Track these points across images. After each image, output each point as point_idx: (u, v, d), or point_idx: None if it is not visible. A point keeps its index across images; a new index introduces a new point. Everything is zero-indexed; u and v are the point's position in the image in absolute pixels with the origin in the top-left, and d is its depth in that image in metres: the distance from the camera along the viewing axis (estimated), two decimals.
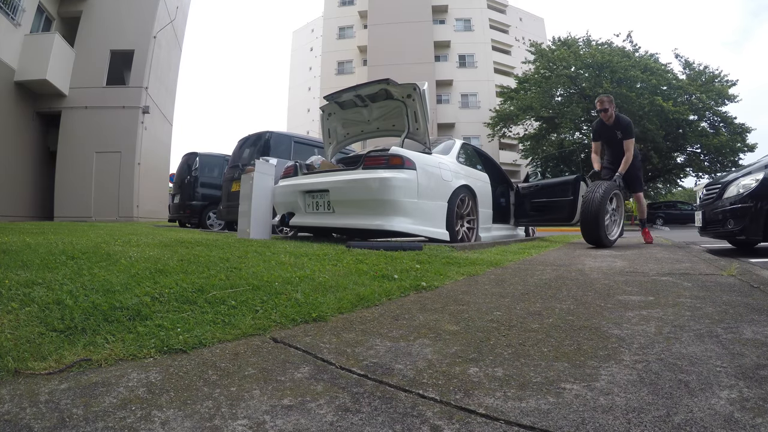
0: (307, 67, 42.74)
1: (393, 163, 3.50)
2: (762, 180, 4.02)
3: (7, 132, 10.51)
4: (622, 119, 4.48)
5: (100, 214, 11.66)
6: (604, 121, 4.54)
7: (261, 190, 4.28)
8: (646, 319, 1.29)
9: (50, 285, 1.45)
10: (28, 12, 10.82)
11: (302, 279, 1.74)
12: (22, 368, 0.88)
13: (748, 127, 20.56)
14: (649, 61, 20.99)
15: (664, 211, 23.80)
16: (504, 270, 2.45)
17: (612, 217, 4.40)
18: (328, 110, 4.61)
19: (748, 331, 1.15)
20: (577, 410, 0.72)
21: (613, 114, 4.49)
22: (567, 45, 21.96)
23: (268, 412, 0.72)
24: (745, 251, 4.65)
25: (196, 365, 0.93)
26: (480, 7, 32.81)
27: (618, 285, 1.90)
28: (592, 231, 4.09)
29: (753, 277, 2.03)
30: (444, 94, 30.84)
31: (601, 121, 4.57)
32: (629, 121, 4.50)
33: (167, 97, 15.06)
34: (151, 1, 13.11)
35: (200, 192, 8.65)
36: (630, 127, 4.46)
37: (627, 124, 4.46)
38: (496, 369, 0.91)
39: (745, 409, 0.71)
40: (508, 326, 1.23)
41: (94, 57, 12.24)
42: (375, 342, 1.10)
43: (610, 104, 4.47)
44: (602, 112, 4.46)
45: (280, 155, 6.02)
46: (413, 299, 1.62)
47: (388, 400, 0.77)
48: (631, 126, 4.47)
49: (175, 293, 1.40)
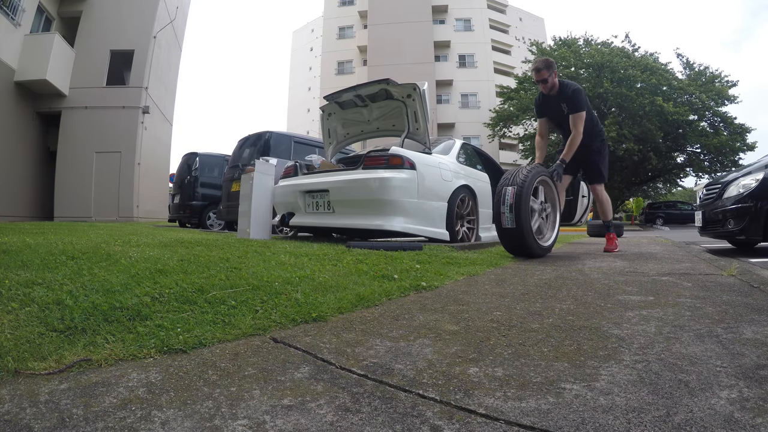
0: (307, 67, 42.75)
1: (393, 163, 3.50)
2: (762, 180, 4.02)
3: (7, 132, 10.51)
4: (566, 87, 3.41)
5: (100, 214, 11.67)
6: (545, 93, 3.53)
7: (261, 190, 4.28)
8: (646, 319, 1.29)
9: (50, 285, 1.44)
10: (28, 12, 10.82)
11: (302, 279, 1.74)
12: (22, 368, 0.88)
13: (747, 127, 20.57)
14: (649, 60, 21.01)
15: (664, 211, 23.85)
16: (504, 270, 2.45)
17: (542, 215, 3.35)
18: (328, 110, 4.61)
19: (748, 331, 1.15)
20: (577, 410, 0.72)
21: (556, 83, 3.43)
22: (567, 45, 21.97)
23: (268, 412, 0.72)
24: (745, 251, 4.65)
25: (196, 365, 0.93)
26: (480, 7, 32.82)
27: (618, 285, 1.90)
28: (512, 237, 3.01)
29: (753, 277, 2.03)
30: (444, 94, 30.84)
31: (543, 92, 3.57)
32: (577, 88, 3.38)
33: (167, 97, 15.07)
34: (151, 1, 13.12)
35: (200, 192, 8.66)
36: (577, 97, 3.34)
37: (572, 93, 3.35)
38: (496, 369, 0.91)
39: (745, 409, 0.71)
40: (508, 326, 1.23)
41: (94, 57, 12.25)
42: (375, 342, 1.10)
43: (548, 71, 3.37)
44: (541, 83, 3.43)
45: (280, 155, 6.02)
46: (413, 299, 1.62)
47: (388, 400, 0.77)
48: (578, 94, 3.35)
49: (175, 293, 1.40)
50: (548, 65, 3.40)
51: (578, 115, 3.35)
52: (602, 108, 21.53)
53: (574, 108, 3.35)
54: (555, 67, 3.45)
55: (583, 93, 3.42)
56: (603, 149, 3.66)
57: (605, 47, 21.64)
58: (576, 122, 3.35)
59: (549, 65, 3.40)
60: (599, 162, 3.59)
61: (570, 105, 3.38)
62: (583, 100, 3.38)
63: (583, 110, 3.35)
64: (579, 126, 3.33)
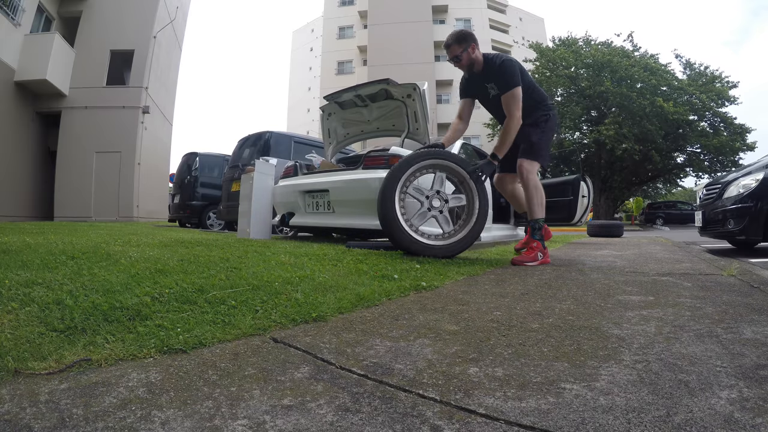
0: (307, 67, 42.74)
1: (393, 163, 3.50)
2: (762, 180, 4.03)
3: (7, 132, 10.51)
4: (492, 61, 2.71)
5: (100, 214, 11.67)
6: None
7: (261, 190, 4.28)
8: (646, 319, 1.29)
9: (50, 285, 1.44)
10: (28, 12, 10.82)
11: (302, 279, 1.74)
12: (22, 368, 0.88)
13: (748, 127, 20.58)
14: (649, 61, 21.02)
15: (664, 211, 23.87)
16: (504, 270, 2.45)
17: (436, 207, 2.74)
18: (328, 110, 4.61)
19: (748, 331, 1.15)
20: (577, 410, 0.72)
21: (478, 58, 2.72)
22: (567, 45, 21.98)
23: (268, 412, 0.72)
24: (745, 251, 4.65)
25: (196, 365, 0.93)
26: (480, 7, 32.82)
27: (618, 285, 1.90)
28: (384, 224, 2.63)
29: (753, 277, 2.03)
30: (444, 94, 30.82)
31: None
32: (506, 58, 2.71)
33: (167, 97, 15.07)
34: (151, 1, 13.11)
35: (200, 192, 8.66)
36: (506, 70, 2.63)
37: (500, 67, 2.66)
38: (496, 369, 0.91)
39: (745, 409, 0.71)
40: (508, 326, 1.23)
41: (94, 57, 12.24)
42: (375, 342, 1.10)
43: (460, 45, 2.68)
44: (454, 62, 2.75)
45: (280, 155, 6.02)
46: (413, 299, 1.62)
47: (388, 400, 0.77)
48: (507, 67, 2.64)
49: (175, 293, 1.40)
50: (459, 38, 2.69)
51: (511, 95, 2.59)
52: (602, 108, 21.55)
53: (505, 86, 2.62)
54: (472, 39, 2.72)
55: (516, 64, 2.69)
56: (542, 121, 2.83)
57: (605, 47, 21.66)
58: (509, 104, 2.61)
59: (460, 38, 2.69)
60: (532, 134, 2.78)
61: (499, 83, 2.67)
62: (515, 73, 2.62)
63: (516, 86, 2.60)
64: (513, 108, 2.60)
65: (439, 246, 2.67)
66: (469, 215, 2.77)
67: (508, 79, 2.61)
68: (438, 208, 2.75)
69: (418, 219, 2.72)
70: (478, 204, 2.74)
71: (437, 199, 2.75)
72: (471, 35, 2.75)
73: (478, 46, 2.74)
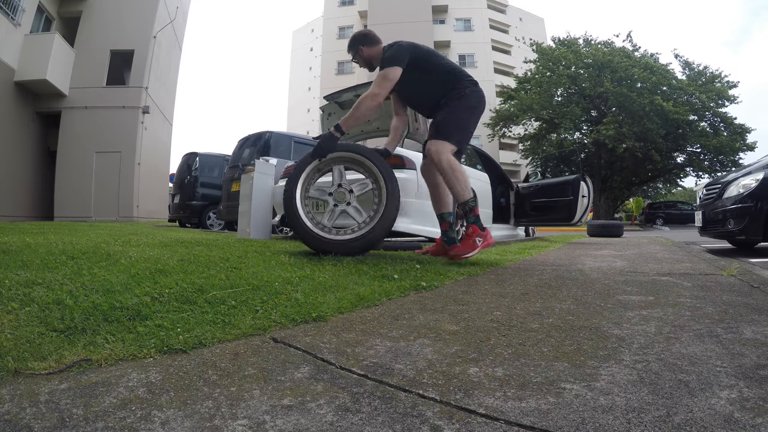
0: (307, 67, 42.77)
1: (393, 164, 3.50)
2: (762, 180, 4.03)
3: (7, 132, 10.51)
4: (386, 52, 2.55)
5: (100, 214, 11.66)
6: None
7: (261, 190, 4.28)
8: (646, 319, 1.29)
9: (50, 285, 1.44)
10: (28, 12, 10.81)
11: (302, 279, 1.74)
12: (22, 368, 0.88)
13: (748, 127, 20.56)
14: (649, 60, 21.01)
15: (664, 211, 23.86)
16: (504, 270, 2.45)
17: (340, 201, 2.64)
18: (328, 110, 4.60)
19: (748, 331, 1.15)
20: (577, 410, 0.72)
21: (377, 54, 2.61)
22: (567, 45, 21.97)
23: (268, 412, 0.72)
24: (745, 251, 4.65)
25: (196, 365, 0.93)
26: (480, 7, 32.85)
27: (618, 285, 1.90)
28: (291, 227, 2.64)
29: (753, 277, 2.03)
30: None
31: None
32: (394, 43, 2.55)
33: (167, 97, 15.07)
34: (151, 1, 13.11)
35: (200, 192, 8.66)
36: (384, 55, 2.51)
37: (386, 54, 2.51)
38: (496, 369, 0.91)
39: (745, 409, 0.71)
40: (508, 326, 1.23)
41: (94, 57, 12.24)
42: (375, 342, 1.10)
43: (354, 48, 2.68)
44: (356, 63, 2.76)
45: (280, 155, 6.02)
46: (413, 299, 1.62)
47: (388, 400, 0.77)
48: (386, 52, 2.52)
49: (175, 293, 1.40)
50: (348, 45, 2.66)
51: (380, 73, 2.45)
52: (602, 108, 21.54)
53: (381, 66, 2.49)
54: (359, 42, 2.64)
55: (403, 46, 2.51)
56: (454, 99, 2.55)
57: (606, 47, 21.66)
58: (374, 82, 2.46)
59: (349, 45, 2.67)
60: (439, 113, 2.57)
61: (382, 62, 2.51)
62: (393, 55, 2.45)
63: (388, 66, 2.42)
64: (374, 85, 2.44)
65: (348, 239, 2.51)
66: (380, 198, 2.59)
67: (383, 61, 2.49)
68: (345, 201, 2.64)
69: (328, 217, 2.65)
70: (384, 183, 2.57)
71: (341, 192, 2.65)
72: (357, 38, 2.69)
73: (373, 43, 2.65)
